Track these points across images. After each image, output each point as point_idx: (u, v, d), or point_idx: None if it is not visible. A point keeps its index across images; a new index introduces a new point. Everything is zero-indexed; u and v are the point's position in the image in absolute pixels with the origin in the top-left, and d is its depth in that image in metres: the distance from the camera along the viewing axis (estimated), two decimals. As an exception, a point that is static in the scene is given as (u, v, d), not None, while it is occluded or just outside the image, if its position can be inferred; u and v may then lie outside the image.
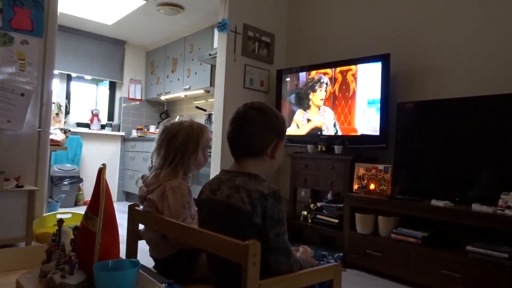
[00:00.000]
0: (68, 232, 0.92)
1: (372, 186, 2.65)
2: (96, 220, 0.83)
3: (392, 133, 2.70)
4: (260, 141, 1.10)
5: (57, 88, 5.00)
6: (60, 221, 0.94)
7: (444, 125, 2.41)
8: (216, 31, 3.60)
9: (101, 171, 0.87)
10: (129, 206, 1.37)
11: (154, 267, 1.39)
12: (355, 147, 2.90)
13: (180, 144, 1.35)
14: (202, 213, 1.16)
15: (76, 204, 4.72)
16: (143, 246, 1.37)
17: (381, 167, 2.64)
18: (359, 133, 2.86)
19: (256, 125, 1.09)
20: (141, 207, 1.36)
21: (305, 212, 3.09)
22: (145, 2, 4.06)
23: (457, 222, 2.09)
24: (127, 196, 5.39)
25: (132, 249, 1.35)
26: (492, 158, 2.20)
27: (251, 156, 1.12)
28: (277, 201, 0.99)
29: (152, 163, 1.42)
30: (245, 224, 0.99)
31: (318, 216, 2.97)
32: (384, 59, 2.74)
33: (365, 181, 2.69)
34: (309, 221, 3.03)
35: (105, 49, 5.32)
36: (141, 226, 1.38)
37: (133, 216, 1.36)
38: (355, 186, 2.74)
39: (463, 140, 2.32)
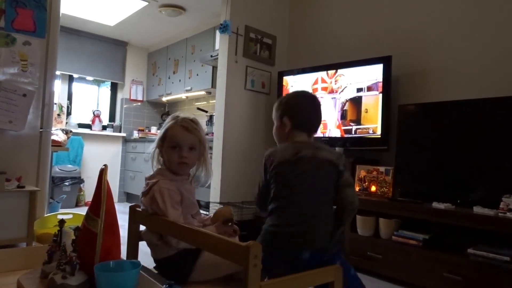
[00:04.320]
0: (69, 232, 0.93)
1: (373, 188, 2.65)
2: (97, 220, 0.83)
3: (393, 135, 2.69)
4: None
5: (58, 89, 5.02)
6: (62, 222, 0.94)
7: (446, 128, 2.41)
8: (217, 33, 3.61)
9: (103, 172, 0.87)
10: (130, 207, 1.37)
11: (154, 267, 1.39)
12: (356, 149, 2.90)
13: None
14: (283, 174, 1.37)
15: (77, 204, 4.73)
16: (144, 248, 1.37)
17: (382, 169, 2.63)
18: (360, 135, 2.85)
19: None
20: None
21: (306, 214, 3.08)
22: (147, 3, 4.07)
23: (459, 224, 2.09)
24: (127, 197, 5.40)
25: (133, 250, 1.35)
26: (493, 161, 2.19)
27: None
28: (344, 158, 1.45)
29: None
30: (333, 170, 1.37)
31: (319, 218, 2.96)
32: (385, 61, 2.74)
33: (366, 183, 2.69)
34: (310, 223, 3.02)
35: (107, 50, 5.33)
36: (142, 227, 1.38)
37: (134, 217, 1.36)
38: (356, 188, 2.73)
39: (464, 143, 2.31)
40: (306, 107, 1.51)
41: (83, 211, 1.52)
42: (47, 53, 2.59)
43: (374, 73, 2.79)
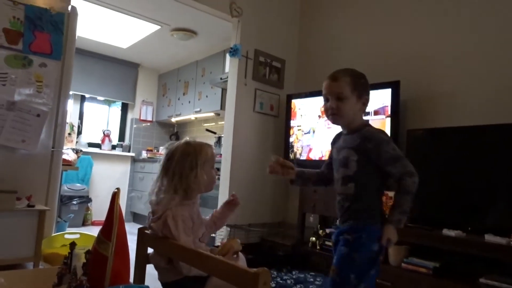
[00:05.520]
0: (80, 255, 0.93)
1: (382, 213, 2.61)
2: (108, 244, 0.84)
3: (402, 160, 2.68)
4: None
5: (70, 108, 5.11)
6: (73, 244, 0.95)
7: (456, 153, 2.39)
8: (227, 56, 3.68)
9: (115, 196, 0.88)
10: (139, 230, 1.37)
11: (161, 291, 1.38)
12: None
13: (177, 162, 1.34)
14: None
15: (83, 224, 4.73)
16: (151, 270, 1.37)
17: (391, 193, 2.60)
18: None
19: None
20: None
21: (314, 238, 3.05)
22: (159, 27, 4.18)
23: (470, 252, 2.05)
24: (134, 217, 5.39)
25: (140, 273, 1.35)
26: (505, 188, 2.17)
27: None
28: None
29: (154, 187, 1.38)
30: None
31: (326, 242, 2.93)
32: (394, 86, 2.76)
33: (375, 208, 2.66)
34: (318, 247, 2.99)
35: (119, 71, 5.45)
36: (149, 250, 1.38)
37: (143, 240, 1.36)
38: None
39: (475, 169, 2.29)
40: None
41: (90, 230, 1.53)
42: (62, 74, 2.66)
43: (381, 97, 2.81)
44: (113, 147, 5.46)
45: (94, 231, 2.91)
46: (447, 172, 2.41)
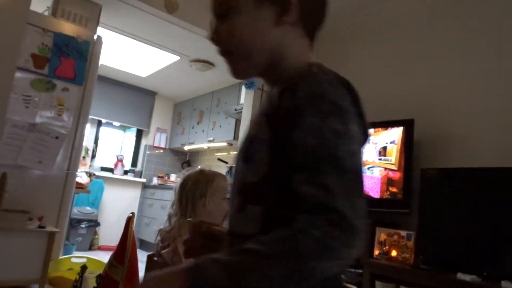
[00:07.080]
0: (91, 279, 0.93)
1: (394, 253, 2.55)
2: (120, 268, 0.84)
3: (415, 198, 2.64)
4: None
5: (87, 132, 5.21)
6: (83, 268, 0.95)
7: (471, 194, 2.35)
8: (243, 88, 3.75)
9: (130, 221, 0.89)
10: (148, 256, 1.36)
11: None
12: (376, 210, 2.84)
13: (189, 189, 1.36)
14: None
15: (90, 248, 4.70)
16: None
17: (403, 233, 2.55)
18: (380, 196, 2.81)
19: None
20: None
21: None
22: (179, 58, 4.32)
23: (486, 299, 1.96)
24: (141, 243, 5.34)
25: (146, 302, 1.32)
26: (522, 233, 2.10)
27: None
28: None
29: (171, 215, 1.40)
30: None
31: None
32: (407, 124, 2.76)
33: (387, 247, 2.59)
34: (326, 285, 2.90)
35: (136, 99, 5.59)
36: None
37: (151, 267, 1.34)
38: (376, 252, 2.64)
39: (491, 211, 2.24)
40: None
41: (96, 255, 1.52)
42: (82, 99, 2.75)
43: (393, 135, 2.81)
44: (125, 172, 5.51)
45: (101, 256, 2.90)
46: (462, 213, 2.35)
